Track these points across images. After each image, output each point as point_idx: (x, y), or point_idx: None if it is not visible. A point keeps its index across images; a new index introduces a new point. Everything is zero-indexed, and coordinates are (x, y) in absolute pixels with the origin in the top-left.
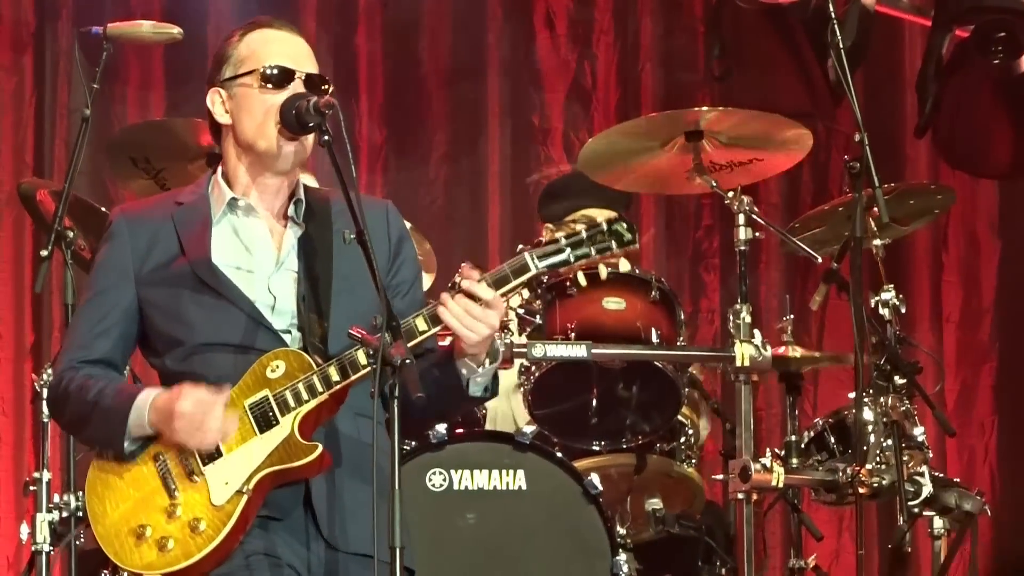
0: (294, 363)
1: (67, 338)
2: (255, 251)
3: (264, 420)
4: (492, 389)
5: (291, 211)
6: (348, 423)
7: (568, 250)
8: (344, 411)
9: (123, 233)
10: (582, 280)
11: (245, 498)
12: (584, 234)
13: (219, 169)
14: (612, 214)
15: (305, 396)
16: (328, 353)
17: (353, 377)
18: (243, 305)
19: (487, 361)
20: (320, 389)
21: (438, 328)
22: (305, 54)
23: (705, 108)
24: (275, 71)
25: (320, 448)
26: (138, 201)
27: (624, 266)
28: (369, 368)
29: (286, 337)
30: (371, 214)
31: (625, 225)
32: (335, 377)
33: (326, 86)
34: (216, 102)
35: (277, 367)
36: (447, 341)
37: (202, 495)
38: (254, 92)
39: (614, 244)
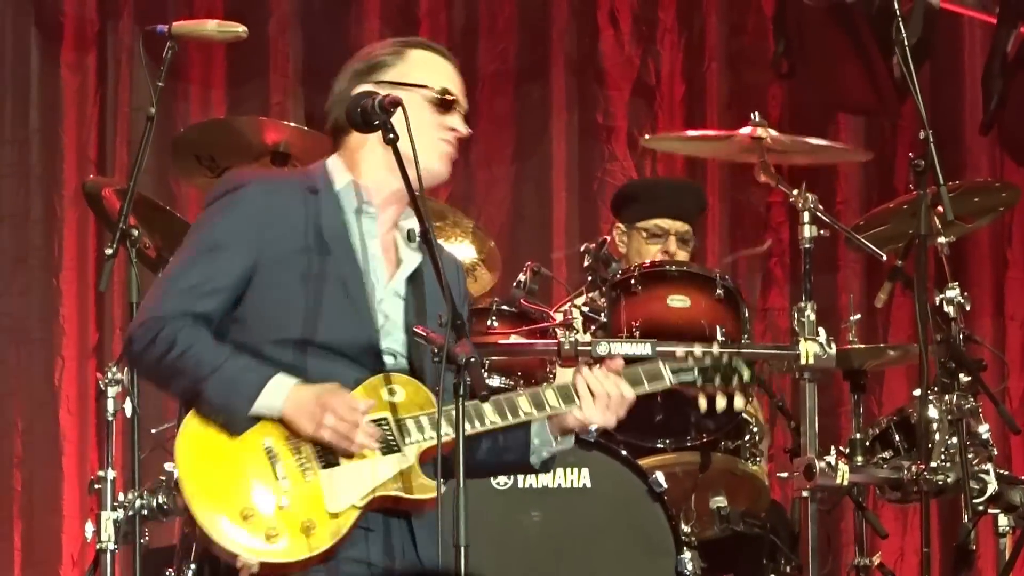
0: (414, 394)
1: (173, 281)
2: (373, 265)
3: (383, 441)
4: (547, 466)
5: (398, 236)
6: None
7: (697, 374)
8: None
9: (254, 202)
10: None
11: (358, 512)
12: (710, 362)
13: (340, 162)
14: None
15: (429, 432)
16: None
17: (481, 429)
18: (364, 317)
19: (567, 439)
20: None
21: (564, 409)
22: (463, 91)
23: (760, 129)
24: (450, 97)
25: (443, 489)
26: (266, 172)
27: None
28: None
29: (388, 360)
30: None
31: (746, 367)
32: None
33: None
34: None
35: (395, 391)
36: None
37: (315, 497)
38: (425, 108)
39: (734, 380)
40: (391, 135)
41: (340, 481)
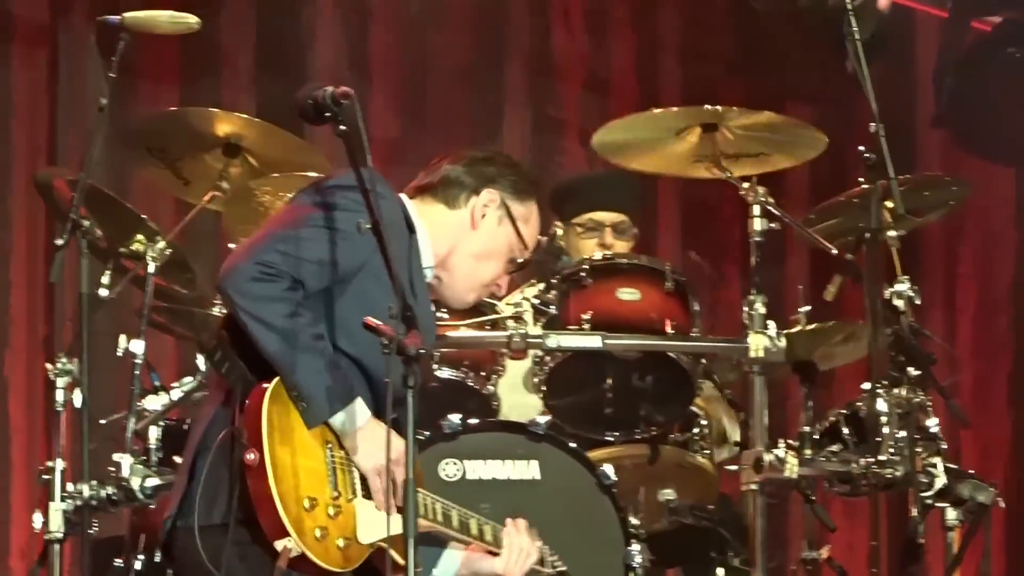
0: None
1: (300, 247)
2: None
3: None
4: None
5: None
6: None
7: None
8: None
9: (382, 198)
10: None
11: (371, 552)
12: None
13: (407, 203)
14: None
15: (425, 512)
16: None
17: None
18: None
19: None
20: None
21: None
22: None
23: (717, 108)
24: (521, 262)
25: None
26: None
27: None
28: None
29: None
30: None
31: None
32: (472, 530)
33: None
34: (489, 203)
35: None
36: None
37: (352, 520)
38: (503, 249)
39: None
40: (342, 127)
41: (371, 516)
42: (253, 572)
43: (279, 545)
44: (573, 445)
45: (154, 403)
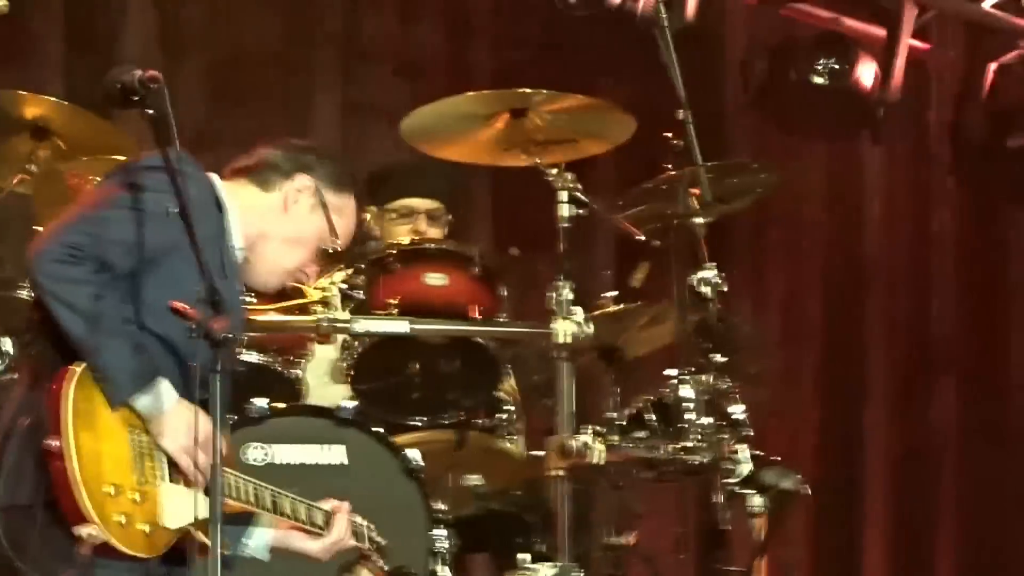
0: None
1: (107, 228)
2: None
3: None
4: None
5: None
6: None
7: None
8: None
9: (190, 178)
10: None
11: (177, 536)
12: None
13: (216, 182)
14: (434, 205)
15: (235, 493)
16: None
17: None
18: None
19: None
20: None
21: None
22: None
23: (527, 90)
24: (333, 252)
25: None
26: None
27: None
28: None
29: None
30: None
31: None
32: (286, 509)
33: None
34: (302, 189)
35: None
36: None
37: (157, 505)
38: (313, 237)
39: None
40: (149, 111)
41: (176, 499)
42: (55, 556)
43: (81, 532)
44: (380, 430)
45: None
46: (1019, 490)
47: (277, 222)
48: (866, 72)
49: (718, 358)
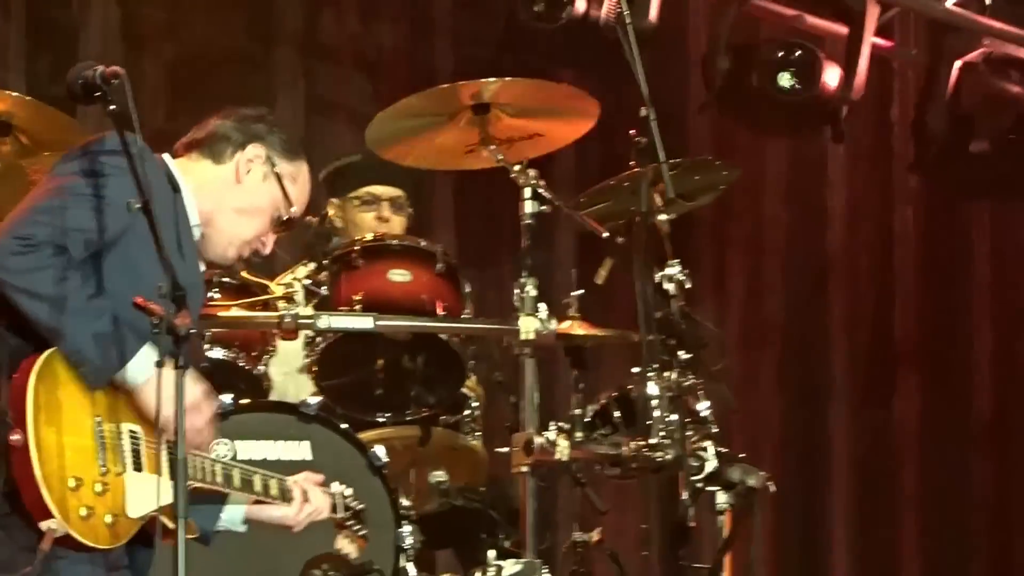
0: None
1: (61, 215)
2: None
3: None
4: (207, 539)
5: None
6: None
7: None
8: None
9: (146, 163)
10: None
11: (140, 524)
12: None
13: (169, 162)
14: (396, 192)
15: (203, 475)
16: None
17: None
18: None
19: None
20: (225, 483)
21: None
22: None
23: (489, 80)
24: (289, 221)
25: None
26: None
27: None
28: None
29: None
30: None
31: None
32: (256, 487)
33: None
34: (254, 159)
35: None
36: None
37: (120, 495)
38: (268, 206)
39: None
40: (112, 107)
41: (141, 487)
42: (17, 546)
43: (43, 526)
44: (344, 426)
45: None
46: (982, 487)
47: (231, 193)
48: (829, 71)
49: (682, 355)
